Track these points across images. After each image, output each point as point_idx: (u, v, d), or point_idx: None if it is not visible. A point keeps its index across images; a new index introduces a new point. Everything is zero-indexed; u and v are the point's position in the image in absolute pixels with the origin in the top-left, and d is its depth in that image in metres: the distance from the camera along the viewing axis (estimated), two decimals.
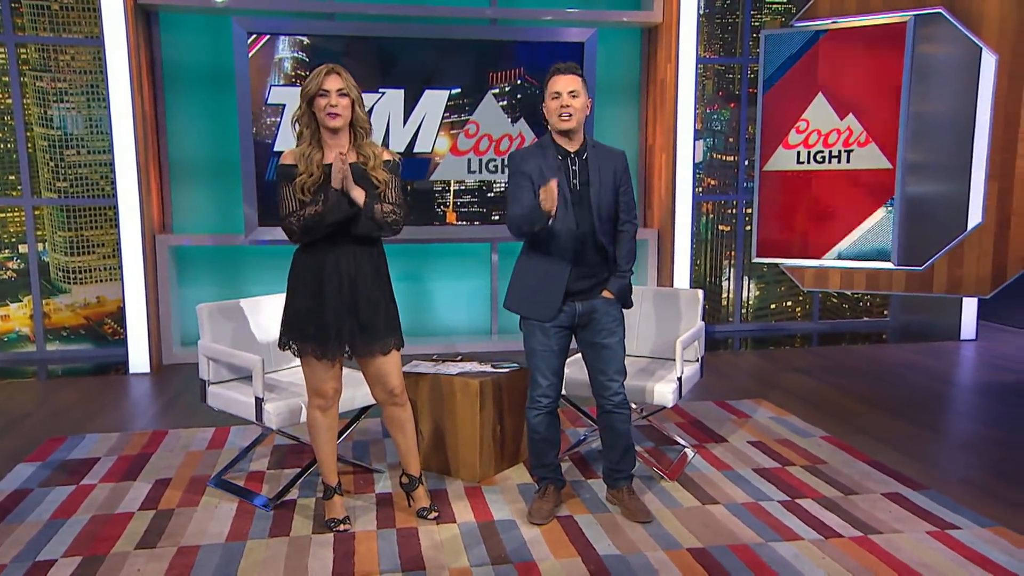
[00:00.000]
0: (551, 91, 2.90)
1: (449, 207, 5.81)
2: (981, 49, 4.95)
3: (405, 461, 3.12)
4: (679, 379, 3.42)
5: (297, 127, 2.84)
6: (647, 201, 6.52)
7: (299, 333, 2.87)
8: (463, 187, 5.80)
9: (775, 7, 6.68)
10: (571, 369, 3.46)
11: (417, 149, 5.69)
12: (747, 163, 6.63)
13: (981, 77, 5.01)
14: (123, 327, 5.62)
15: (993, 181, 4.97)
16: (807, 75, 5.25)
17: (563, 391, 3.52)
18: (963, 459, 3.85)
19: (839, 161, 5.21)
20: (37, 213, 5.71)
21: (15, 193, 5.65)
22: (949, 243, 5.10)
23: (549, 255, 2.94)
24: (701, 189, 6.70)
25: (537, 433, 3.06)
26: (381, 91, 5.55)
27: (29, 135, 5.62)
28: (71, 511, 3.15)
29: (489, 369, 3.62)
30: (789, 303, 7.05)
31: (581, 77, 2.91)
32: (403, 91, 5.60)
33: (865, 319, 7.23)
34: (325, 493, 3.04)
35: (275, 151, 5.47)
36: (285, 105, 5.42)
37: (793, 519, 3.11)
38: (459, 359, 3.82)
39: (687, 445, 3.86)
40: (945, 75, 5.19)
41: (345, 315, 2.85)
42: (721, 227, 6.83)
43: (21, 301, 5.78)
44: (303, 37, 5.45)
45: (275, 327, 3.54)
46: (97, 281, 5.84)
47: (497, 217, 5.87)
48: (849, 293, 6.88)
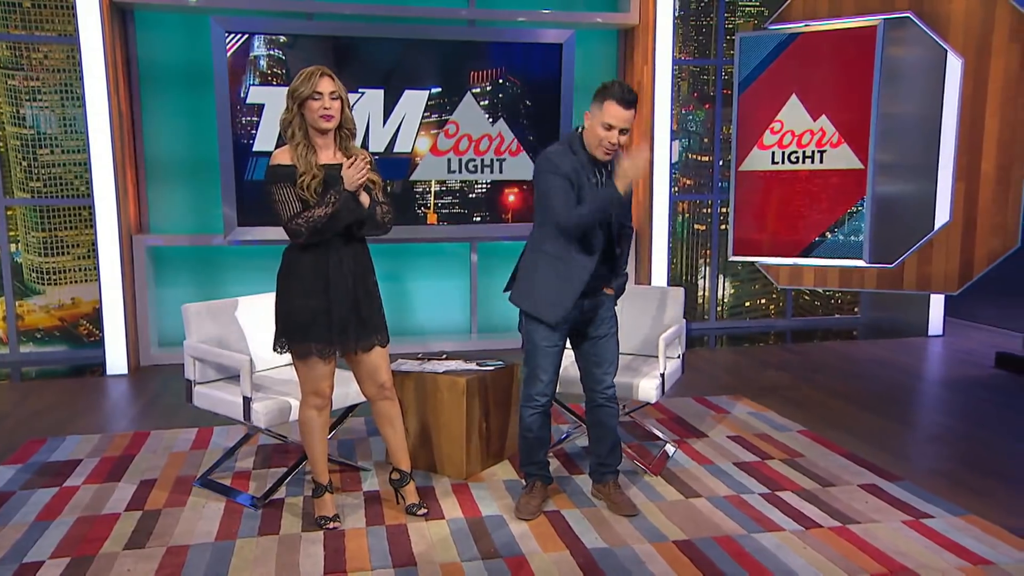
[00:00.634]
0: (604, 119, 2.80)
1: (429, 208, 5.83)
2: (947, 52, 5.10)
3: (395, 457, 3.15)
4: (662, 375, 3.49)
5: (288, 129, 2.83)
6: None
7: (301, 333, 2.86)
8: (443, 187, 5.82)
9: (748, 10, 6.79)
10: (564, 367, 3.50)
11: (397, 149, 5.70)
12: (722, 163, 6.73)
13: (948, 79, 5.16)
14: (99, 328, 5.57)
15: (960, 181, 5.12)
16: (781, 77, 5.37)
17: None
18: (934, 451, 3.97)
19: (812, 161, 5.33)
20: (10, 213, 5.62)
21: None
22: (918, 241, 5.24)
23: (575, 259, 2.93)
24: (677, 189, 6.79)
25: (530, 432, 3.10)
26: (361, 91, 5.55)
27: (1, 134, 5.54)
28: (56, 513, 3.13)
29: (475, 367, 3.65)
30: (763, 301, 7.17)
31: (636, 109, 2.84)
32: (383, 91, 5.61)
33: (837, 316, 7.38)
34: (315, 491, 3.06)
35: (254, 151, 5.45)
36: (264, 105, 5.41)
37: (774, 511, 3.19)
38: (444, 357, 3.85)
39: (668, 440, 3.93)
40: (913, 77, 5.33)
41: (350, 313, 2.89)
42: (697, 226, 6.93)
43: None
44: (281, 37, 5.44)
45: (260, 327, 3.55)
46: (72, 282, 5.77)
47: (479, 219, 5.90)
48: (822, 291, 7.02)
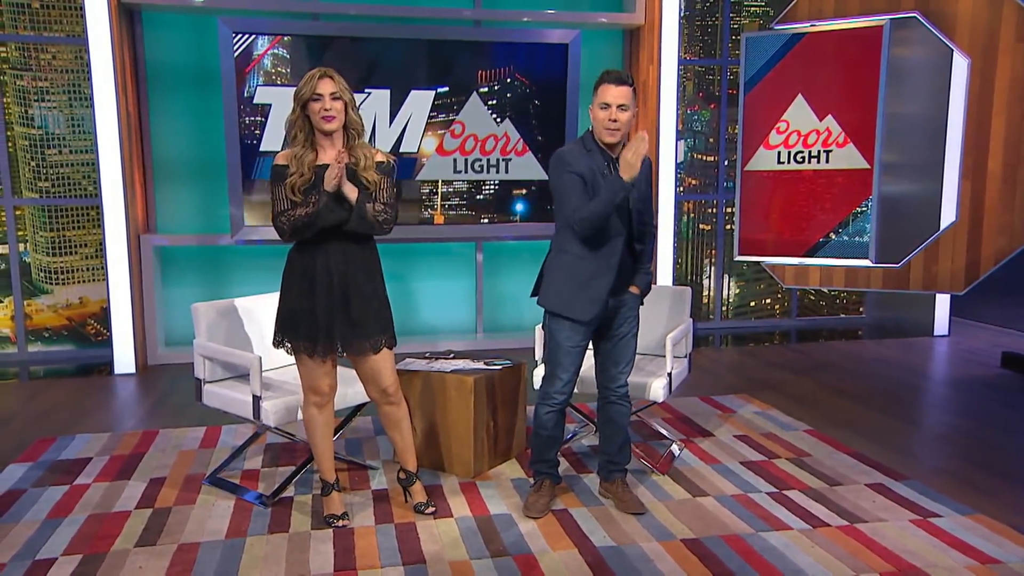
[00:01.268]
0: (600, 100, 2.86)
1: (435, 208, 5.85)
2: (954, 52, 5.10)
3: (402, 457, 3.16)
4: (669, 375, 3.50)
5: (291, 130, 2.85)
6: None
7: (292, 331, 2.91)
8: (450, 188, 5.84)
9: (753, 10, 6.80)
10: None
11: (403, 149, 5.71)
12: (727, 163, 6.74)
13: (954, 79, 5.16)
14: (107, 328, 5.59)
15: (966, 180, 5.12)
16: (787, 77, 5.36)
17: None
18: (940, 450, 3.98)
19: (818, 161, 5.32)
20: (18, 213, 5.65)
21: None
22: (924, 241, 5.24)
23: (597, 257, 2.94)
24: (682, 189, 6.79)
25: (545, 429, 3.12)
26: (367, 91, 5.57)
27: (10, 134, 5.57)
28: (67, 510, 3.15)
29: (482, 366, 3.66)
30: (768, 301, 7.18)
31: (633, 88, 2.87)
32: (389, 91, 5.63)
33: (842, 316, 7.38)
34: (323, 489, 3.07)
35: (261, 151, 5.47)
36: (271, 105, 5.42)
37: (781, 510, 3.20)
38: (452, 357, 3.86)
39: (675, 440, 3.94)
40: (920, 77, 5.33)
41: (336, 313, 2.89)
42: (702, 226, 6.94)
43: (2, 302, 5.71)
44: (289, 37, 5.46)
45: (268, 327, 3.57)
46: (80, 282, 5.80)
47: (487, 220, 5.91)
48: (827, 291, 7.02)
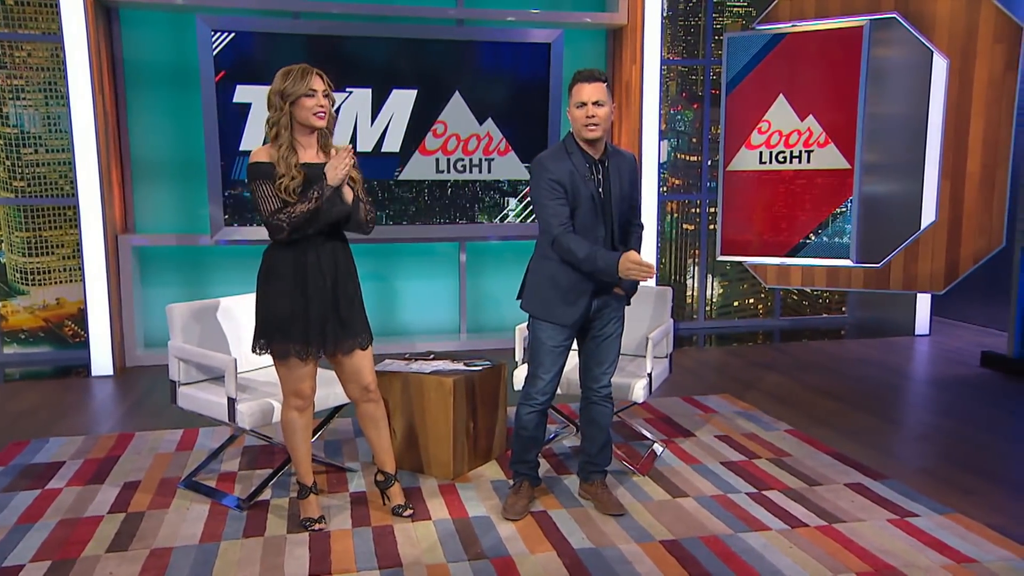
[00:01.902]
0: (576, 100, 2.87)
1: (418, 208, 5.81)
2: (933, 53, 5.12)
3: (380, 459, 3.13)
4: (649, 375, 3.49)
5: (275, 129, 2.79)
6: None
7: (281, 334, 2.84)
8: (432, 187, 5.81)
9: (736, 10, 6.81)
10: None
11: (385, 148, 5.68)
12: (710, 163, 6.75)
13: (934, 80, 5.19)
14: (84, 329, 5.52)
15: (946, 180, 5.15)
16: (768, 77, 5.38)
17: None
18: (919, 449, 3.99)
19: (800, 161, 5.34)
20: None
21: None
22: (905, 241, 5.27)
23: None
24: (666, 189, 6.80)
25: (525, 430, 3.10)
26: (348, 90, 5.53)
27: None
28: (37, 515, 3.10)
29: (462, 367, 3.64)
30: (751, 300, 7.19)
31: (606, 84, 2.88)
32: (370, 90, 5.59)
33: (824, 316, 7.41)
34: (300, 492, 3.04)
35: (240, 150, 5.42)
36: (251, 104, 5.37)
37: (761, 510, 3.19)
38: (431, 357, 3.84)
39: (656, 440, 3.93)
40: (900, 78, 5.36)
41: (328, 313, 2.86)
42: (685, 226, 6.94)
43: None
44: (269, 35, 5.41)
45: (245, 328, 3.53)
46: (57, 283, 5.73)
47: (468, 219, 5.89)
48: (809, 290, 7.04)
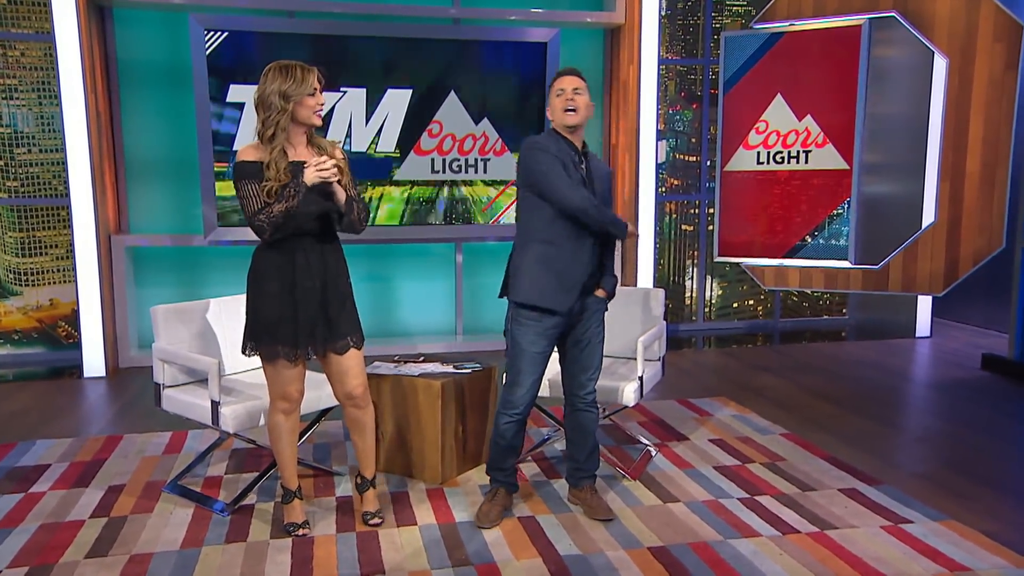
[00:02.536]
0: (556, 90, 2.94)
1: (413, 208, 5.77)
2: (930, 51, 5.06)
3: (361, 463, 3.08)
4: (640, 378, 3.44)
5: (271, 129, 2.72)
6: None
7: (270, 336, 2.80)
8: (427, 187, 5.76)
9: (735, 9, 6.75)
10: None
11: (380, 148, 5.64)
12: (709, 163, 6.69)
13: (935, 79, 5.12)
14: (77, 330, 5.49)
15: (945, 181, 5.09)
16: (766, 76, 5.33)
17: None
18: (917, 453, 3.93)
19: (798, 161, 5.29)
20: None
21: None
22: (904, 242, 5.21)
23: (572, 245, 2.91)
24: (664, 189, 6.74)
25: (503, 439, 3.05)
26: (342, 90, 5.50)
27: None
28: (18, 520, 3.06)
29: (451, 370, 3.60)
30: (751, 302, 7.13)
31: (584, 80, 2.97)
32: (365, 90, 5.56)
33: (825, 317, 7.35)
34: (284, 497, 3.00)
35: (234, 150, 5.38)
36: (244, 104, 5.34)
37: (752, 516, 3.14)
38: (421, 360, 3.80)
39: (649, 444, 3.88)
40: (899, 77, 5.30)
41: (318, 315, 2.82)
42: (684, 227, 6.89)
43: None
44: (262, 35, 5.38)
45: (231, 329, 3.50)
46: (50, 283, 5.70)
47: (463, 219, 5.85)
48: (809, 292, 6.98)
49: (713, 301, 7.03)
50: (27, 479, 3.48)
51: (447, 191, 5.78)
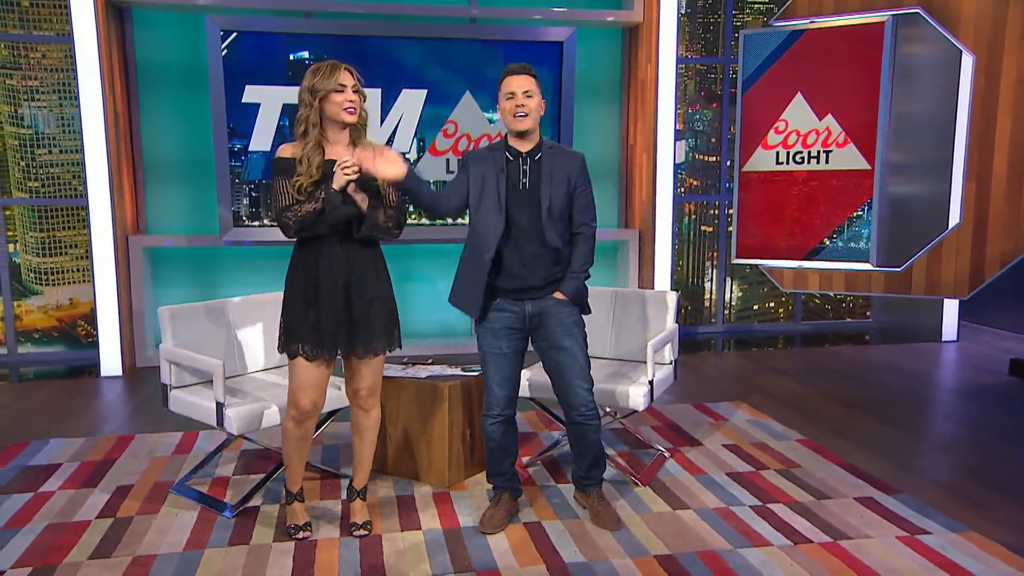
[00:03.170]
0: (505, 92, 2.87)
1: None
2: (958, 49, 4.93)
3: (354, 470, 3.04)
4: (650, 382, 3.38)
5: (303, 126, 2.72)
6: (628, 202, 6.48)
7: (294, 333, 2.79)
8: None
9: (757, 7, 6.65)
10: (539, 372, 3.41)
11: (395, 149, 5.61)
12: (729, 164, 6.59)
13: (963, 77, 4.99)
14: (96, 329, 5.54)
15: (971, 181, 4.95)
16: (786, 75, 5.23)
17: (534, 395, 3.49)
18: (938, 462, 3.83)
19: (818, 162, 5.18)
20: (8, 213, 5.63)
21: None
22: (928, 244, 5.08)
23: (478, 253, 2.90)
24: (683, 190, 6.66)
25: (492, 441, 3.00)
26: None
27: (0, 134, 5.54)
28: (26, 520, 3.08)
29: (459, 372, 3.56)
30: (772, 304, 7.02)
31: (535, 77, 2.89)
32: (380, 90, 5.54)
33: (848, 320, 7.22)
34: (286, 499, 2.98)
35: (250, 151, 5.40)
36: (259, 104, 5.36)
37: (763, 524, 3.07)
38: (430, 362, 3.76)
39: (661, 449, 3.82)
40: (925, 75, 5.17)
41: (340, 316, 2.78)
42: (704, 228, 6.80)
43: None
44: (278, 35, 5.39)
45: (240, 330, 3.51)
46: (70, 283, 5.76)
47: None
48: (832, 294, 6.86)
49: (733, 303, 6.93)
50: (38, 478, 3.50)
51: None
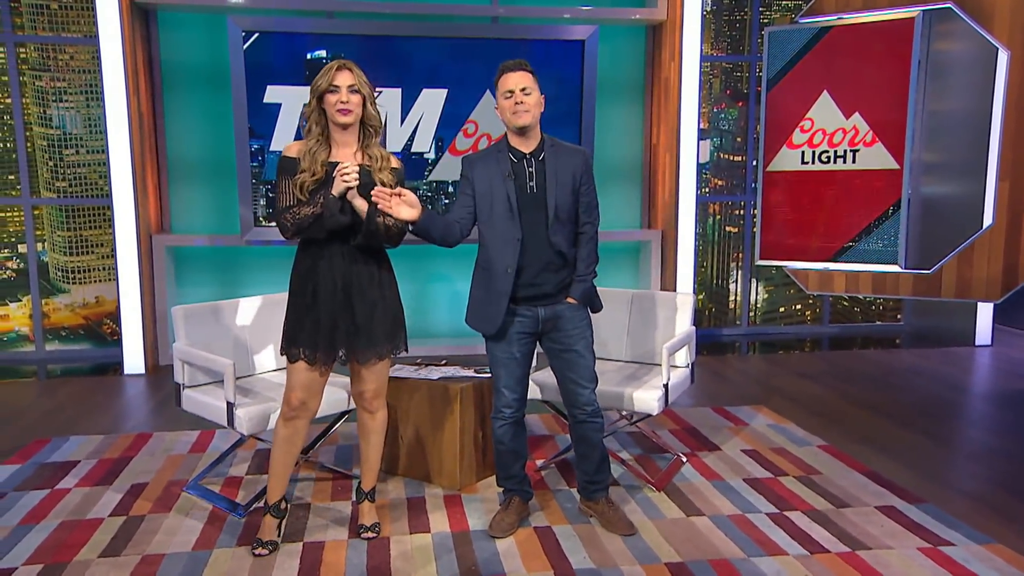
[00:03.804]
0: (503, 91, 2.82)
1: (447, 209, 5.73)
2: (993, 45, 4.78)
3: (362, 473, 3.02)
4: (665, 386, 3.31)
5: (307, 122, 2.74)
6: (651, 202, 6.40)
7: (293, 336, 2.77)
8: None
9: (785, 4, 6.53)
10: (552, 375, 3.36)
11: (415, 149, 5.62)
12: (755, 163, 6.48)
13: (999, 74, 4.84)
14: (120, 327, 5.61)
15: (1004, 180, 4.80)
16: (812, 73, 5.11)
17: (547, 397, 3.45)
18: (966, 470, 3.71)
19: (844, 161, 5.06)
20: (36, 213, 5.72)
21: (14, 193, 5.67)
22: (960, 245, 4.93)
23: (494, 264, 2.85)
24: (708, 189, 6.57)
25: (502, 444, 2.97)
26: (378, 90, 5.46)
27: (28, 135, 5.63)
28: (41, 516, 3.11)
29: (471, 374, 3.53)
30: (799, 306, 6.89)
31: (532, 73, 2.84)
32: (400, 90, 5.54)
33: (878, 323, 7.06)
34: (264, 507, 2.87)
35: (271, 150, 5.43)
36: (280, 104, 5.38)
37: (779, 532, 2.99)
38: (443, 363, 3.74)
39: (678, 453, 3.75)
40: (958, 72, 5.03)
41: (339, 319, 2.75)
42: (728, 228, 6.69)
43: (20, 301, 5.79)
44: (299, 36, 5.40)
45: (253, 330, 3.52)
46: (96, 281, 5.84)
47: None
48: (861, 296, 6.71)
49: (758, 305, 6.81)
50: (56, 475, 3.54)
51: None
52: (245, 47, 5.29)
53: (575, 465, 3.13)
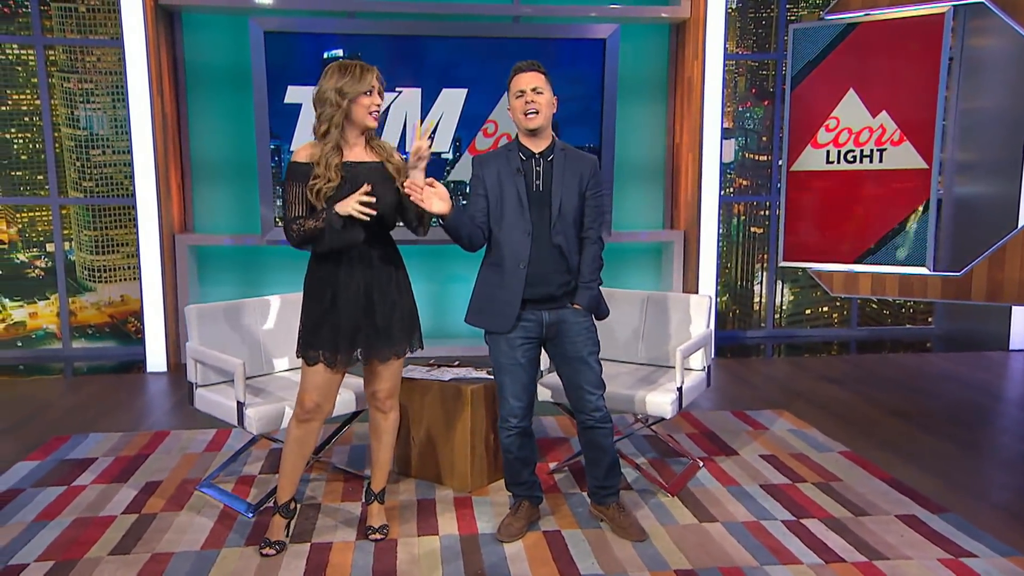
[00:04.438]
0: (514, 91, 2.81)
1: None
2: None
3: (372, 473, 3.01)
4: (679, 389, 3.26)
5: (326, 126, 2.67)
6: (673, 202, 6.32)
7: (312, 339, 2.76)
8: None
9: (812, 1, 6.41)
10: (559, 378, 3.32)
11: (434, 149, 5.58)
12: (780, 163, 6.37)
13: None
14: (143, 326, 5.68)
15: None
16: (837, 71, 4.99)
17: (556, 399, 3.41)
18: (994, 479, 3.59)
19: (871, 161, 4.94)
20: (64, 212, 5.81)
21: (43, 193, 5.77)
22: (991, 247, 4.79)
23: (505, 262, 2.82)
24: (732, 190, 6.47)
25: (510, 453, 2.93)
26: (398, 90, 5.49)
27: (56, 136, 5.73)
28: (55, 513, 3.14)
29: (484, 375, 3.50)
30: (826, 308, 6.77)
31: (545, 74, 2.81)
32: (420, 90, 5.53)
33: (908, 326, 6.90)
34: (273, 507, 2.89)
35: (290, 151, 5.45)
36: (301, 105, 5.40)
37: (794, 541, 2.92)
38: (456, 364, 3.72)
39: (694, 458, 3.68)
40: (992, 69, 4.89)
41: (361, 321, 2.75)
42: (753, 229, 6.59)
43: (48, 299, 5.89)
44: (320, 36, 5.42)
45: (266, 329, 3.52)
46: (121, 280, 5.93)
47: None
48: (890, 299, 6.56)
49: (784, 307, 6.70)
50: (73, 472, 3.58)
51: None
52: (266, 48, 5.32)
53: (586, 470, 3.09)
